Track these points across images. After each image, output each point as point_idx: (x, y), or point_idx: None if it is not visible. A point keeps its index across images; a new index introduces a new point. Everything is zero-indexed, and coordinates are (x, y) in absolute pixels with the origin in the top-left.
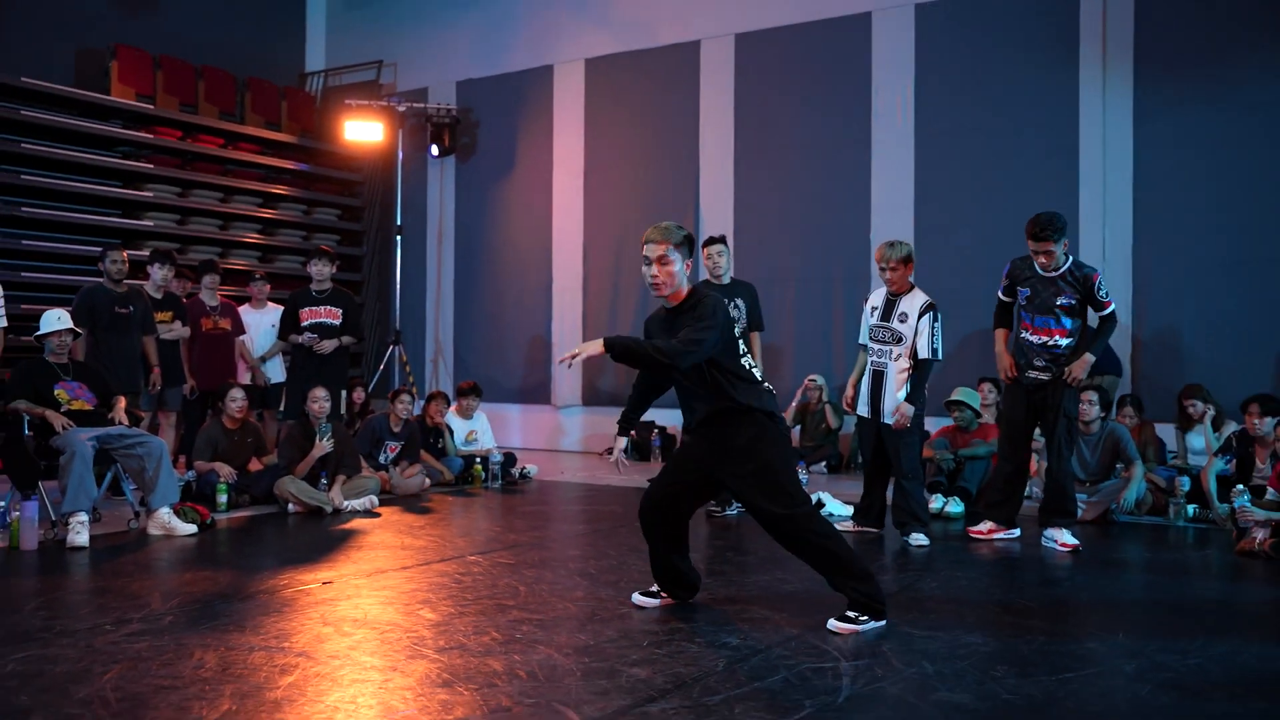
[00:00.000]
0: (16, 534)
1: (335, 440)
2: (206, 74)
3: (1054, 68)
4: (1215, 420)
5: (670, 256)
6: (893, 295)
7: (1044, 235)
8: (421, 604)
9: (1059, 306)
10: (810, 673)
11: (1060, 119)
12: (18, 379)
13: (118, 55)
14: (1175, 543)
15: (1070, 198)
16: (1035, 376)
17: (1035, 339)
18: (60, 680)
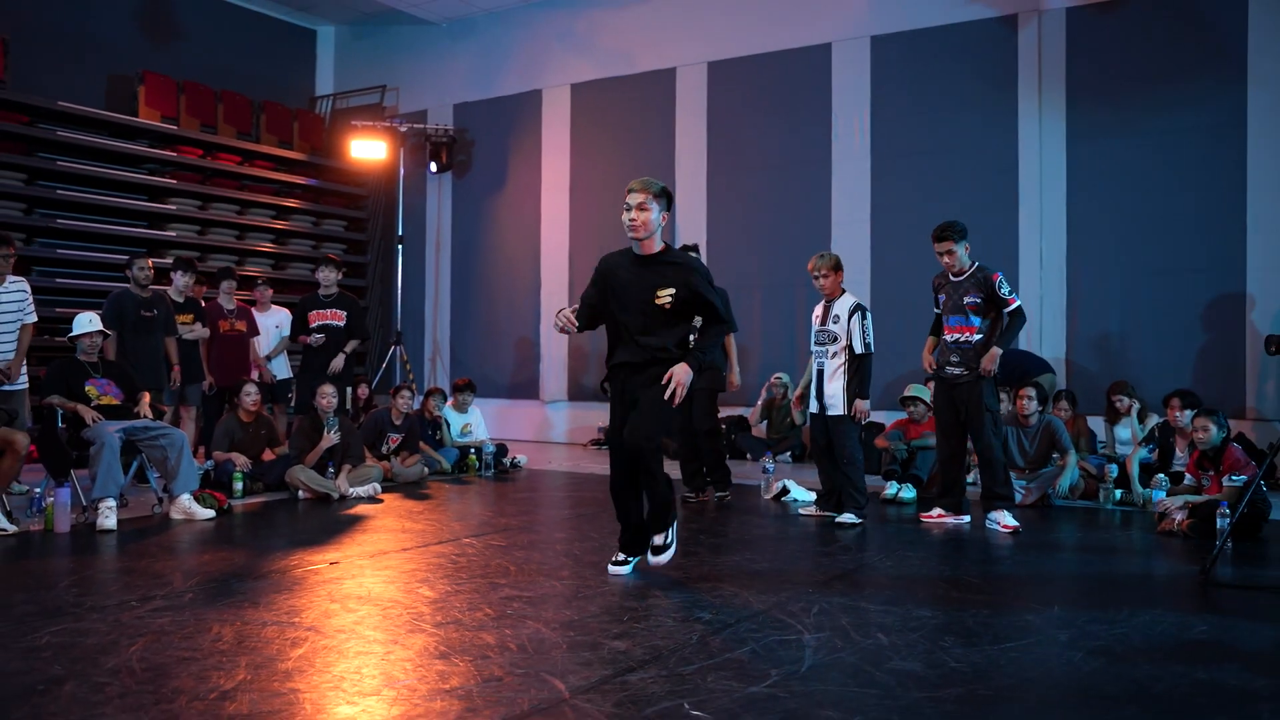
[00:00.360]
0: (51, 518)
1: (341, 432)
2: (225, 98)
3: (995, 94)
4: (1140, 413)
5: (649, 205)
6: (828, 301)
7: (943, 235)
8: (420, 582)
9: (967, 305)
10: (776, 644)
11: (1001, 141)
12: (52, 376)
13: (145, 81)
14: (1104, 524)
15: (1010, 212)
16: (952, 372)
17: (949, 337)
18: (91, 651)
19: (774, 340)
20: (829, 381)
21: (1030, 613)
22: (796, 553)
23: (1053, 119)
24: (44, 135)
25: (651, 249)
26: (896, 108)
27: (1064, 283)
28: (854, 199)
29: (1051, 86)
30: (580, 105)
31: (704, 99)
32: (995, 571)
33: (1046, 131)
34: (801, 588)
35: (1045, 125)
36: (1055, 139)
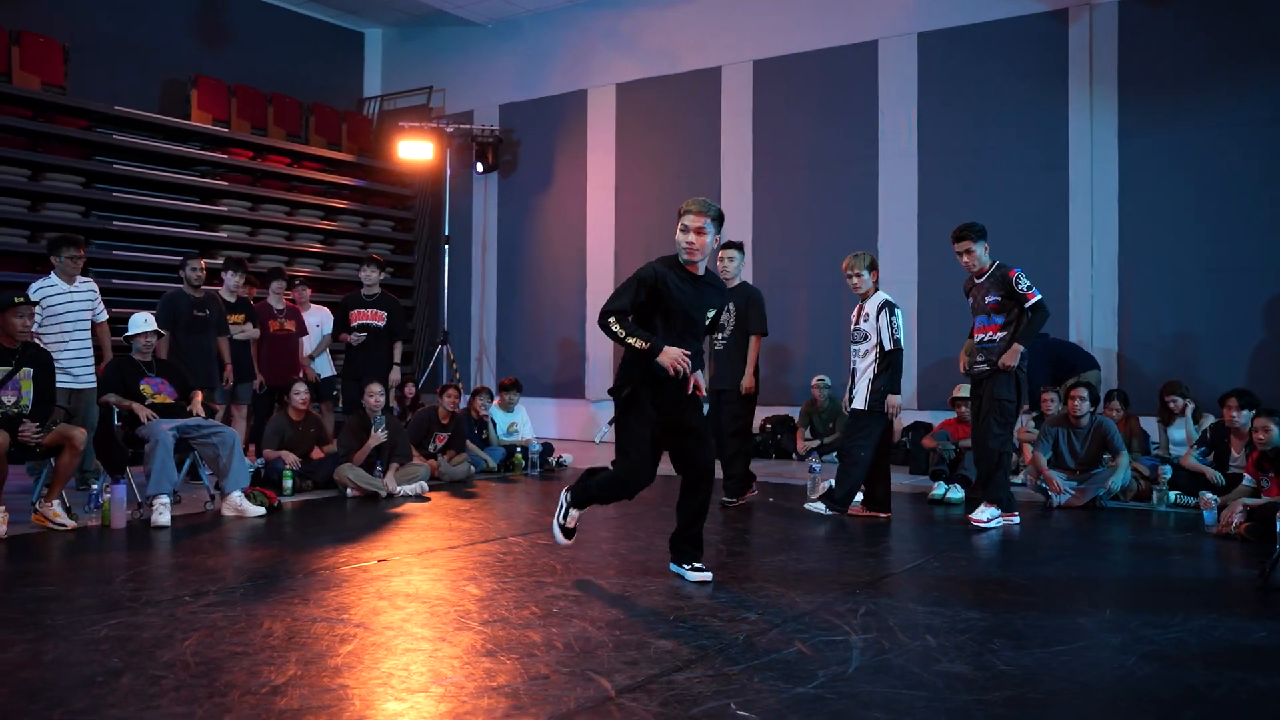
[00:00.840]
0: (108, 513)
1: (388, 431)
2: (275, 100)
3: (1045, 89)
4: (1194, 414)
5: (707, 229)
6: (862, 300)
7: (961, 235)
8: (467, 580)
9: (988, 305)
10: (823, 645)
11: (1051, 136)
12: (109, 375)
13: (197, 84)
14: (1158, 526)
15: (1060, 210)
16: (979, 370)
17: (977, 338)
18: (147, 645)
19: (818, 341)
20: (859, 380)
21: (1081, 615)
22: (843, 553)
23: (1104, 114)
24: (101, 139)
25: (700, 270)
26: (944, 105)
27: (1115, 281)
28: (900, 198)
29: (1103, 81)
30: (625, 105)
31: (749, 98)
32: (1045, 573)
33: (1098, 127)
34: (848, 588)
35: (1096, 120)
36: (1107, 134)
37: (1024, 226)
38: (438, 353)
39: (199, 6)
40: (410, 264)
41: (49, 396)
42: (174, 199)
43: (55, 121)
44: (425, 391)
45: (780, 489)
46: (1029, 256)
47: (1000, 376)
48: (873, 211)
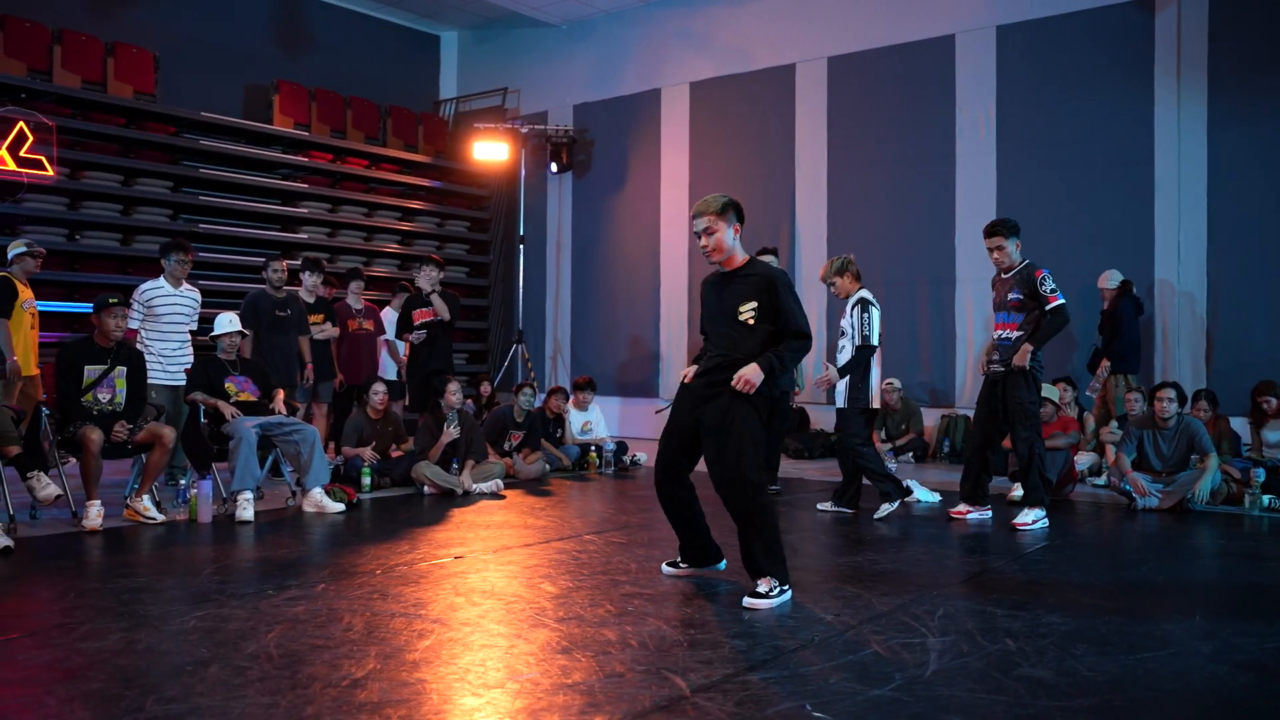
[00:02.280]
0: (195, 508)
1: (463, 428)
2: (354, 104)
3: (1129, 81)
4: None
5: (715, 225)
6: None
7: (993, 231)
8: (543, 578)
9: (1009, 303)
10: (899, 647)
11: (1135, 130)
12: (195, 374)
13: (279, 89)
14: (1251, 531)
15: (1146, 205)
16: (994, 369)
17: (995, 334)
18: (232, 636)
19: (895, 341)
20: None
21: (1169, 622)
22: (920, 554)
23: (1193, 106)
24: (188, 144)
25: (734, 265)
26: (1023, 99)
27: (1204, 278)
28: (979, 195)
29: (1191, 72)
30: (699, 103)
31: (824, 95)
32: (1129, 578)
33: (1186, 119)
34: (925, 590)
35: (1184, 113)
36: (1195, 127)
37: (1108, 223)
38: (513, 352)
39: (280, 13)
40: (486, 264)
41: (141, 395)
42: (257, 202)
43: (145, 128)
44: (501, 390)
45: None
46: (1113, 254)
47: (1017, 378)
48: (950, 210)
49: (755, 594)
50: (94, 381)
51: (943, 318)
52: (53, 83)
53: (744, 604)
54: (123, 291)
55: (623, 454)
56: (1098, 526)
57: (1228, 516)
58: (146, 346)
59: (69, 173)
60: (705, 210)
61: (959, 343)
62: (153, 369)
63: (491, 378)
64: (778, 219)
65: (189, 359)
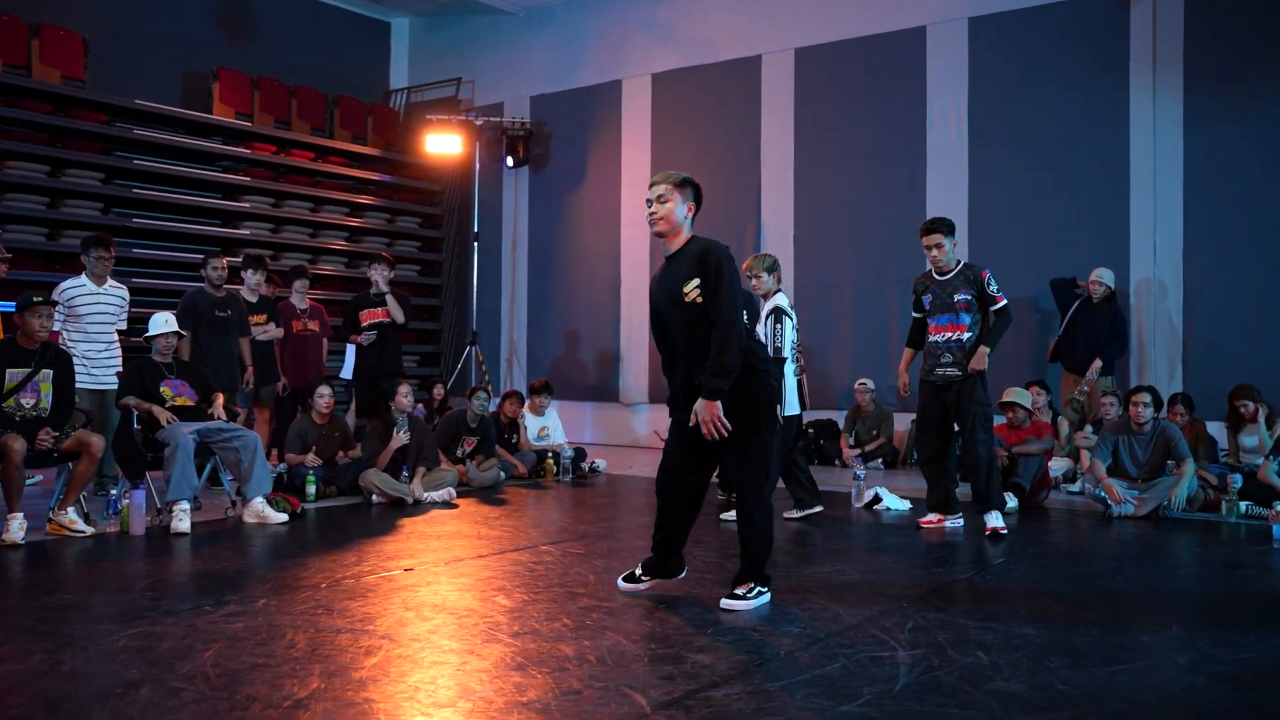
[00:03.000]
0: (127, 520)
1: (413, 434)
2: (299, 93)
3: (1104, 77)
4: (1268, 419)
5: (669, 195)
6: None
7: (933, 228)
8: (497, 591)
9: (958, 304)
10: (868, 661)
11: (1110, 126)
12: (128, 377)
13: (219, 77)
14: (1228, 538)
15: (1121, 204)
16: (944, 373)
17: (938, 337)
18: (166, 655)
19: (865, 342)
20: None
21: (1145, 633)
22: (890, 565)
23: (1168, 104)
24: (121, 134)
25: (677, 245)
26: (996, 94)
27: (1180, 280)
28: (950, 192)
29: (1167, 68)
30: (662, 96)
31: (791, 87)
32: (1104, 587)
33: (1161, 117)
34: (895, 601)
35: (1160, 111)
36: (1171, 125)
37: (1082, 222)
38: (466, 354)
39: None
40: (438, 262)
41: (68, 399)
42: (195, 195)
43: (75, 116)
44: (454, 394)
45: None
46: (1088, 253)
47: (974, 381)
48: (920, 206)
49: (734, 595)
50: (17, 386)
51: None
52: None
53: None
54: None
55: (581, 461)
56: (1072, 534)
57: (1204, 524)
58: (70, 349)
59: None
60: (665, 179)
61: None
62: (78, 372)
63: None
64: (743, 216)
65: (117, 361)
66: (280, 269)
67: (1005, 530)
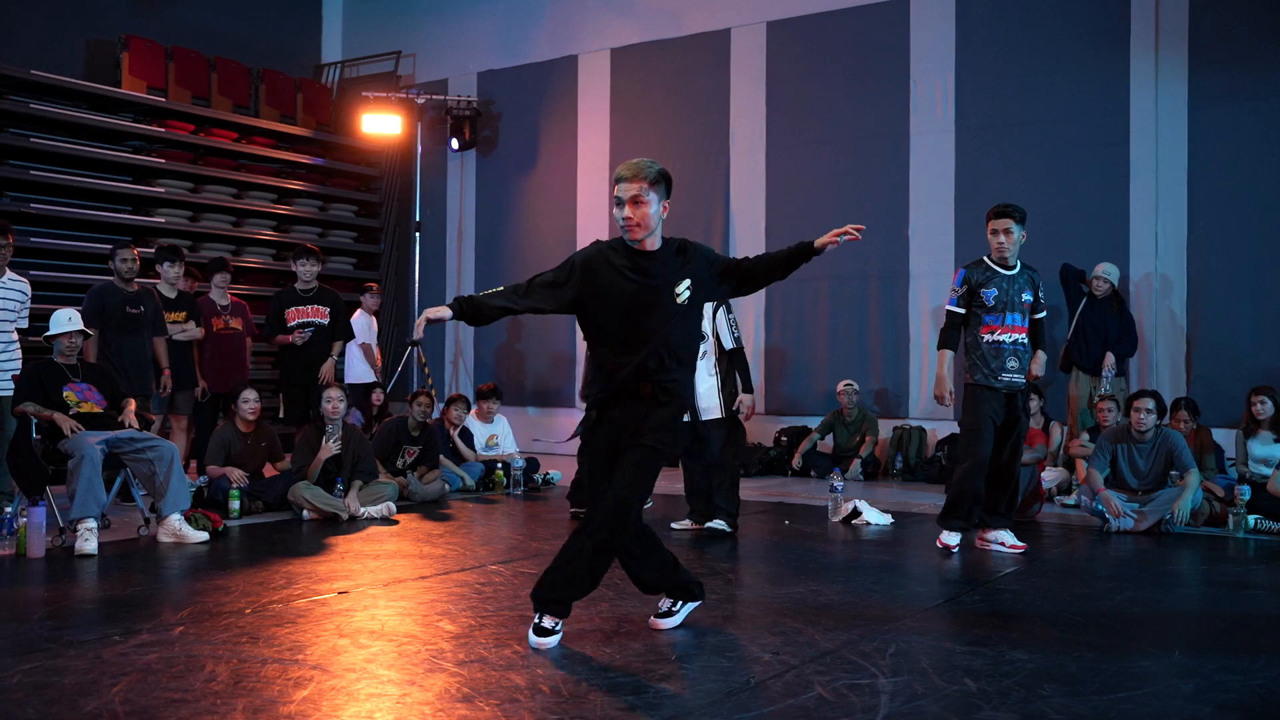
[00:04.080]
0: (24, 540)
1: (348, 443)
2: (219, 66)
3: (1103, 55)
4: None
5: (646, 197)
6: None
7: (1005, 211)
8: (441, 615)
9: (1023, 304)
10: (846, 689)
11: (1110, 107)
12: (26, 380)
13: (128, 46)
14: (1236, 555)
15: (1120, 190)
16: (1011, 379)
17: (1007, 338)
18: (68, 692)
19: (843, 341)
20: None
21: (1145, 657)
22: (870, 584)
23: (1172, 83)
24: (16, 109)
25: (652, 246)
26: (986, 72)
27: (1184, 274)
28: (935, 177)
29: (1170, 45)
30: (621, 72)
31: (762, 64)
32: (1102, 608)
33: (1164, 97)
34: (875, 624)
35: (1163, 90)
36: (1175, 106)
37: (1078, 211)
38: (408, 355)
39: None
40: (376, 254)
41: None
42: (102, 178)
43: None
44: (394, 400)
45: (797, 510)
46: (1084, 245)
47: (1030, 391)
48: (903, 193)
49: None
50: None
51: (895, 318)
52: None
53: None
54: None
55: (534, 472)
56: (1067, 551)
57: (1210, 539)
58: None
59: None
60: (637, 175)
61: (913, 346)
62: None
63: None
64: (711, 202)
65: (16, 363)
66: (199, 261)
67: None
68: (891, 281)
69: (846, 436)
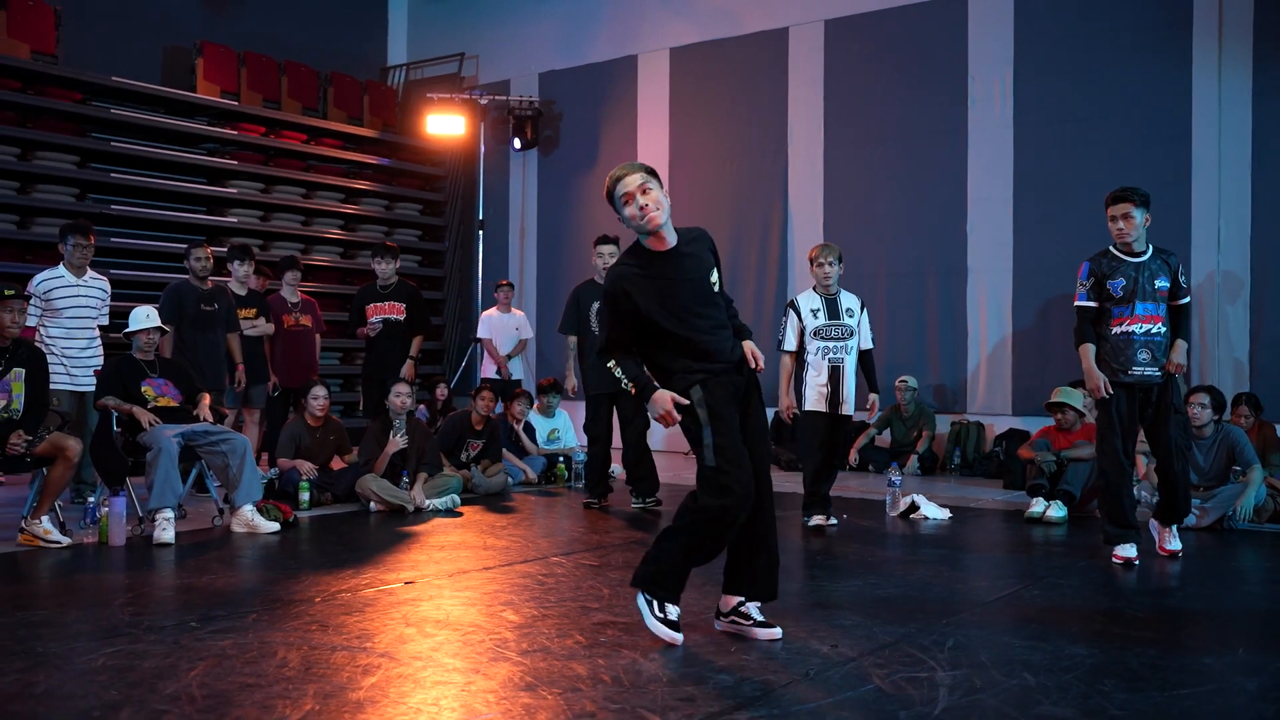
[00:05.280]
0: (106, 529)
1: (414, 437)
2: (289, 69)
3: (1164, 47)
4: None
5: (650, 183)
6: (831, 294)
7: (1122, 195)
8: (504, 605)
9: (1159, 291)
10: (904, 682)
11: (1171, 101)
12: (107, 376)
13: (203, 52)
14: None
15: (1182, 185)
16: (1142, 373)
17: (1138, 329)
18: (148, 675)
19: (901, 337)
20: (847, 382)
21: (1208, 654)
22: (928, 578)
23: (1236, 75)
24: (97, 114)
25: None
26: (1044, 66)
27: (1248, 269)
28: (994, 174)
29: (1235, 35)
30: (680, 72)
31: (820, 62)
32: (1163, 605)
33: (1228, 90)
34: (934, 618)
35: (1226, 82)
36: (1239, 99)
37: None
38: (471, 351)
39: None
40: (440, 252)
41: (42, 400)
42: (178, 180)
43: (46, 94)
44: (458, 395)
45: (855, 504)
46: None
47: (1176, 383)
48: (961, 189)
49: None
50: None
51: (953, 313)
52: None
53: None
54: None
55: None
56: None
57: (1274, 536)
58: (47, 346)
59: None
60: (632, 169)
61: (971, 342)
62: (55, 371)
63: (448, 380)
64: (768, 201)
65: (98, 359)
66: (270, 260)
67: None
68: (949, 277)
69: (904, 431)
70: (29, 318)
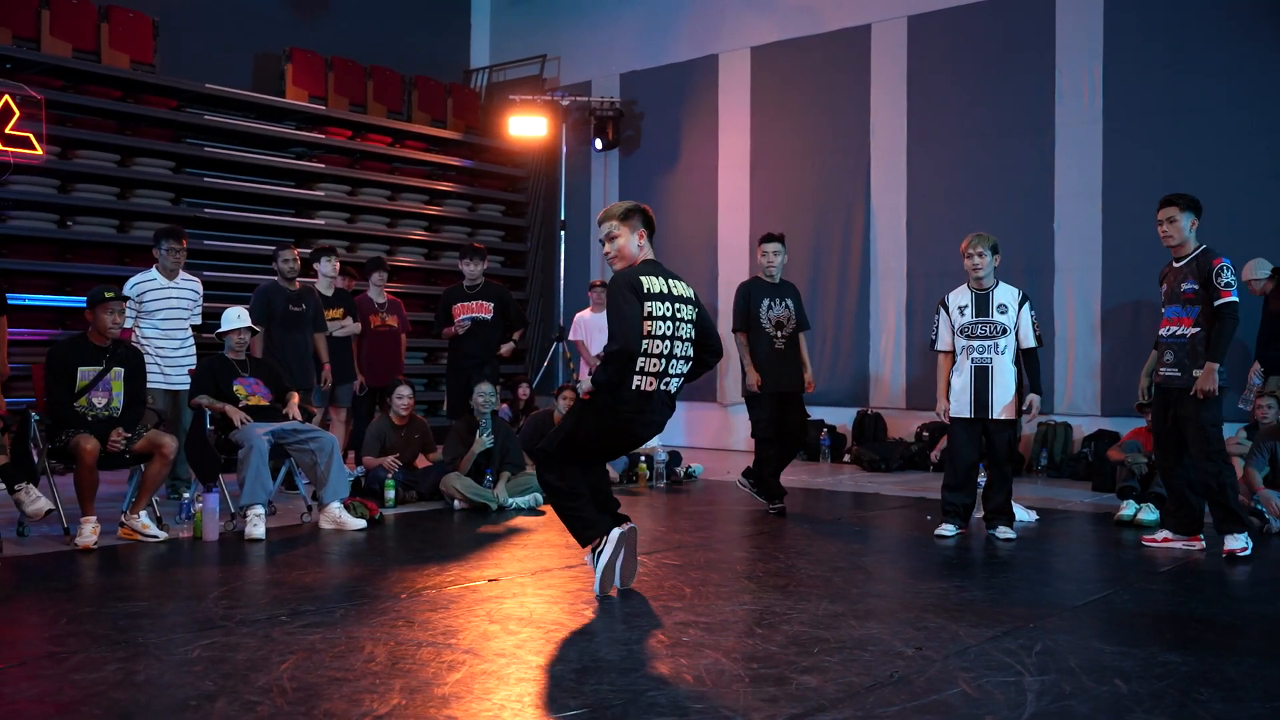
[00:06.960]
0: (200, 525)
1: (497, 436)
2: (375, 74)
3: (1259, 37)
4: None
5: (617, 231)
6: (983, 289)
7: (1165, 200)
8: (586, 603)
9: (1183, 294)
10: (991, 686)
11: (1269, 93)
12: (200, 376)
13: (292, 58)
14: None
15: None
16: (1165, 374)
17: (1164, 331)
18: (241, 667)
19: None
20: (1003, 383)
21: None
22: (1015, 580)
23: None
24: (191, 120)
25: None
26: (1135, 59)
27: None
28: (1082, 171)
29: None
30: (761, 71)
31: (903, 59)
32: (1262, 612)
33: None
34: (1021, 621)
35: None
36: None
37: (1234, 202)
38: (553, 350)
39: None
40: (522, 252)
41: (140, 398)
42: (267, 183)
43: (144, 102)
44: (540, 393)
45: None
46: (1241, 238)
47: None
48: (1048, 187)
49: None
50: (88, 384)
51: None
52: (41, 52)
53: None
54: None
55: (676, 465)
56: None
57: None
58: (143, 346)
59: (59, 152)
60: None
61: (1058, 341)
62: (151, 370)
63: (530, 380)
64: (851, 199)
65: (191, 359)
66: (356, 260)
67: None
68: (1036, 276)
69: None
70: (125, 319)
